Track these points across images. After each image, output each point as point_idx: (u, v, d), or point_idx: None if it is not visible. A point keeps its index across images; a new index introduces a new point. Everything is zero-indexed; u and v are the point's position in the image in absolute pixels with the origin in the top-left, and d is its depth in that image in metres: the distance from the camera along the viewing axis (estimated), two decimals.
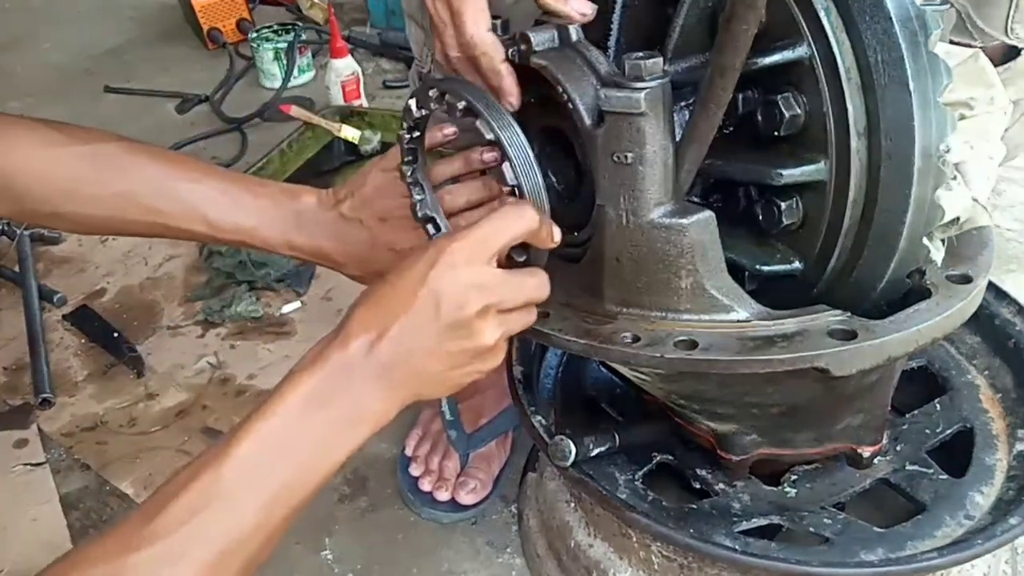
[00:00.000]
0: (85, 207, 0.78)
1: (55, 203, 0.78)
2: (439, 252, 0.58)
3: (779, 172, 0.63)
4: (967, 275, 0.68)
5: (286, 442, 0.56)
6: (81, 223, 0.81)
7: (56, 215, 0.79)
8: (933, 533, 0.79)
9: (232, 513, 0.53)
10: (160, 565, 0.51)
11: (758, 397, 0.73)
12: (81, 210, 0.79)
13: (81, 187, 0.78)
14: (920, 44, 0.58)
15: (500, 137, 0.62)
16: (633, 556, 0.87)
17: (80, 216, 0.80)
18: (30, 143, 0.77)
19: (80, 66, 2.56)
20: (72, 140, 0.79)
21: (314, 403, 0.56)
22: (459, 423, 1.15)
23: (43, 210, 0.79)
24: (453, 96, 0.64)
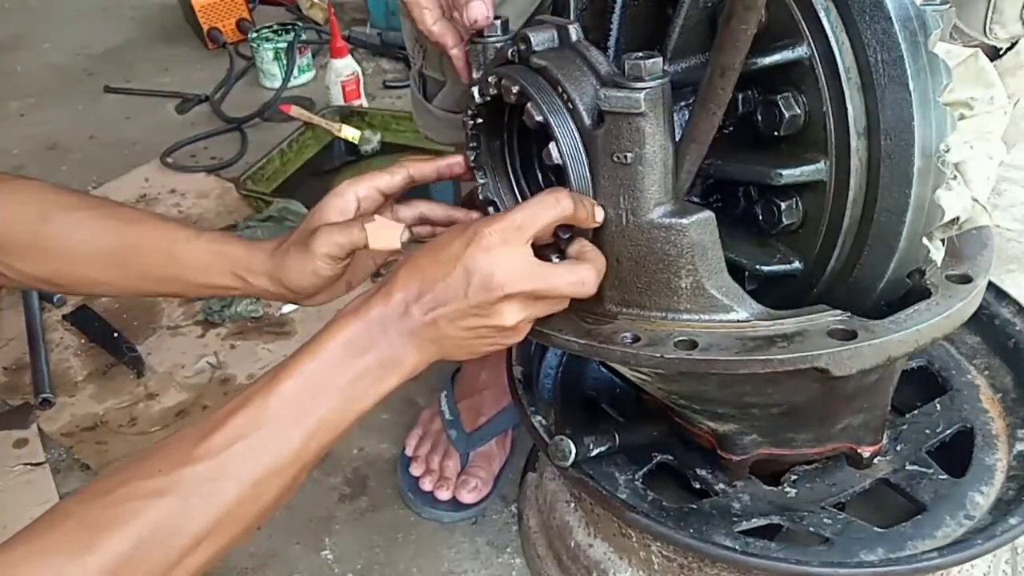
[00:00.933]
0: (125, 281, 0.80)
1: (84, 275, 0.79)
2: (475, 233, 0.62)
3: (779, 172, 0.63)
4: (967, 275, 0.68)
5: (326, 381, 0.62)
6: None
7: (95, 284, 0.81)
8: (933, 533, 0.79)
9: (275, 440, 0.59)
10: (208, 481, 0.57)
11: (758, 397, 0.73)
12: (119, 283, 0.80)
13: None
14: (920, 44, 0.58)
15: (548, 119, 0.64)
16: (633, 556, 0.87)
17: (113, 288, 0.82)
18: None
19: (80, 66, 2.56)
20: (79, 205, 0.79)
21: (354, 349, 0.62)
22: (459, 422, 1.15)
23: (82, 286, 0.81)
24: (509, 81, 0.66)
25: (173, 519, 0.55)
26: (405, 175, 0.76)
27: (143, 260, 0.77)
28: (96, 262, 0.77)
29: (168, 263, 0.77)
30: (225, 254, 0.76)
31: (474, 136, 0.73)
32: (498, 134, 0.74)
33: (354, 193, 0.75)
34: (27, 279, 0.79)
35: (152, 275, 0.78)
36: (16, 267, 0.77)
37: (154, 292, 0.81)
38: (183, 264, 0.77)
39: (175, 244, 0.77)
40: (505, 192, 0.75)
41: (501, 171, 0.75)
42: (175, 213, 1.81)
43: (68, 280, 0.79)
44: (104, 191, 1.90)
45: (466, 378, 1.18)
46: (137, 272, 0.78)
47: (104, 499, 0.55)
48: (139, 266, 0.77)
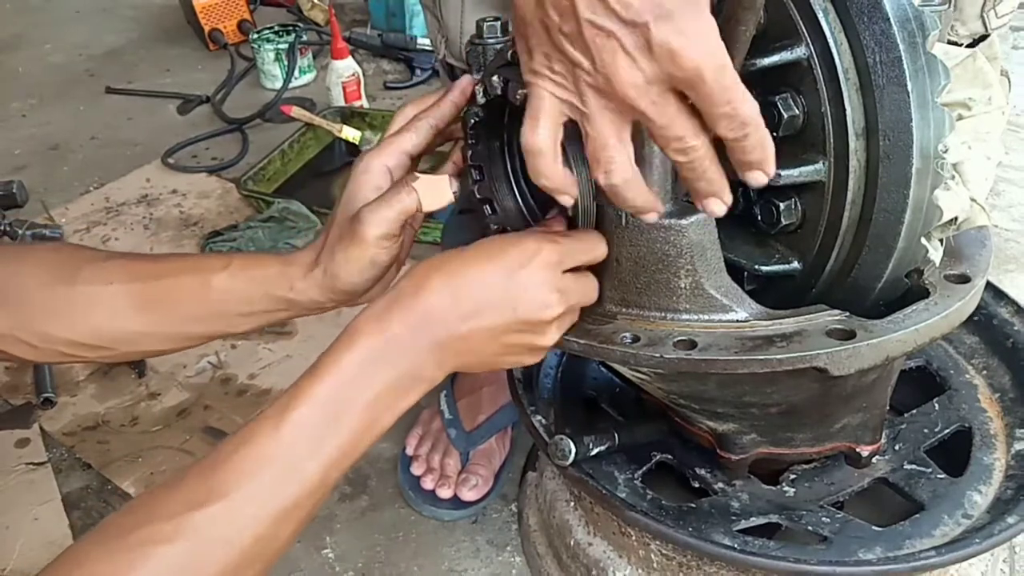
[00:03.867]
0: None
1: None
2: (537, 251, 0.61)
3: (777, 172, 0.63)
4: (965, 275, 0.69)
5: (343, 405, 0.57)
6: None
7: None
8: (931, 532, 0.79)
9: (290, 475, 0.55)
10: (221, 524, 0.52)
11: (757, 397, 0.73)
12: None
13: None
14: (918, 45, 0.58)
15: None
16: (632, 555, 0.87)
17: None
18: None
19: (81, 67, 2.56)
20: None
21: (373, 365, 0.58)
22: (458, 421, 1.15)
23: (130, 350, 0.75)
24: (516, 83, 0.65)
25: (187, 566, 0.51)
26: (428, 127, 0.70)
27: (175, 299, 0.71)
28: (128, 312, 0.71)
29: (202, 299, 0.71)
30: (261, 279, 0.71)
31: (473, 135, 0.74)
32: (498, 134, 0.74)
33: (382, 164, 0.69)
34: (60, 344, 0.71)
35: (189, 315, 0.72)
36: (50, 333, 0.70)
37: (197, 335, 0.73)
38: (219, 297, 0.71)
39: (206, 275, 0.71)
40: (503, 192, 0.75)
41: (500, 170, 0.75)
42: (176, 213, 1.81)
43: (103, 339, 0.72)
44: (106, 191, 1.91)
45: (465, 377, 1.18)
46: (172, 316, 0.72)
47: (117, 543, 0.51)
48: (173, 308, 0.71)
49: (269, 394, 1.33)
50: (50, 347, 0.71)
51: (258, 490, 0.54)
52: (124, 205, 1.86)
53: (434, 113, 0.71)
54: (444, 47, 1.04)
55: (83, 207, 1.85)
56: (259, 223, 1.64)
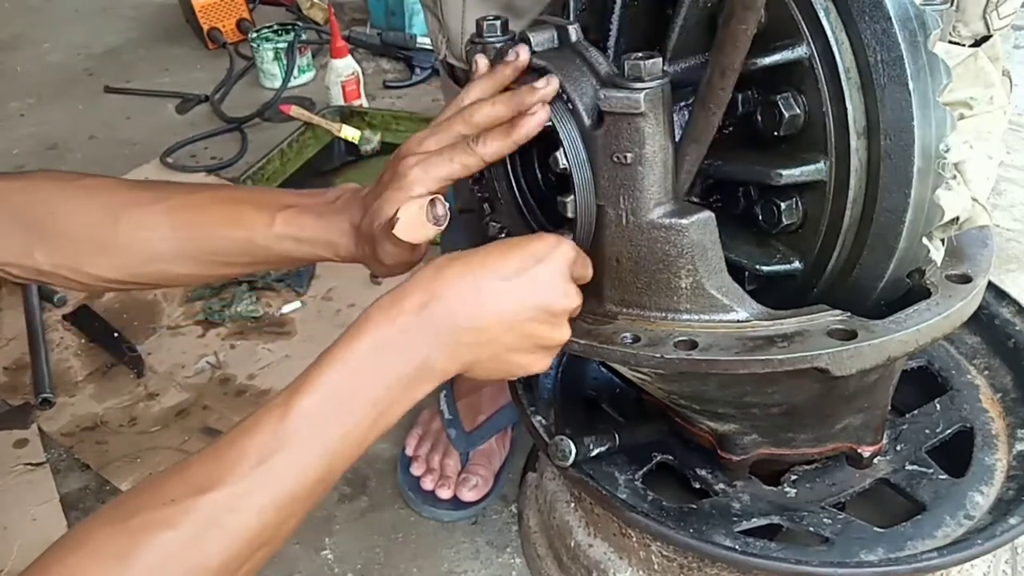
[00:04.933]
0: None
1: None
2: (556, 245, 0.61)
3: (779, 172, 0.63)
4: (967, 275, 0.69)
5: (351, 394, 0.56)
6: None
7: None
8: (933, 533, 0.79)
9: (296, 463, 0.54)
10: (225, 509, 0.52)
11: (758, 397, 0.73)
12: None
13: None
14: (919, 44, 0.58)
15: (557, 126, 0.64)
16: (633, 556, 0.87)
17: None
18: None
19: (80, 66, 2.56)
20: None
21: (383, 355, 0.57)
22: (458, 421, 1.15)
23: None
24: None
25: (188, 552, 0.51)
26: (479, 163, 0.67)
27: (222, 251, 0.74)
28: (174, 260, 0.74)
29: (248, 251, 0.74)
30: (308, 240, 0.73)
31: None
32: None
33: (424, 188, 0.67)
34: (100, 282, 0.76)
35: (235, 262, 0.76)
36: (89, 270, 0.74)
37: (242, 274, 0.79)
38: (265, 253, 0.74)
39: (252, 233, 0.73)
40: (503, 190, 0.75)
41: (499, 170, 0.75)
42: None
43: (149, 279, 0.77)
44: None
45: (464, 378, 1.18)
46: (220, 260, 0.75)
47: (121, 525, 0.51)
48: (219, 258, 0.75)
49: (268, 394, 1.32)
50: (94, 283, 0.75)
51: (263, 478, 0.53)
52: None
53: (491, 149, 0.67)
54: (445, 46, 1.04)
55: None
56: None
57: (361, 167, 1.93)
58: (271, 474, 0.53)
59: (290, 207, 0.74)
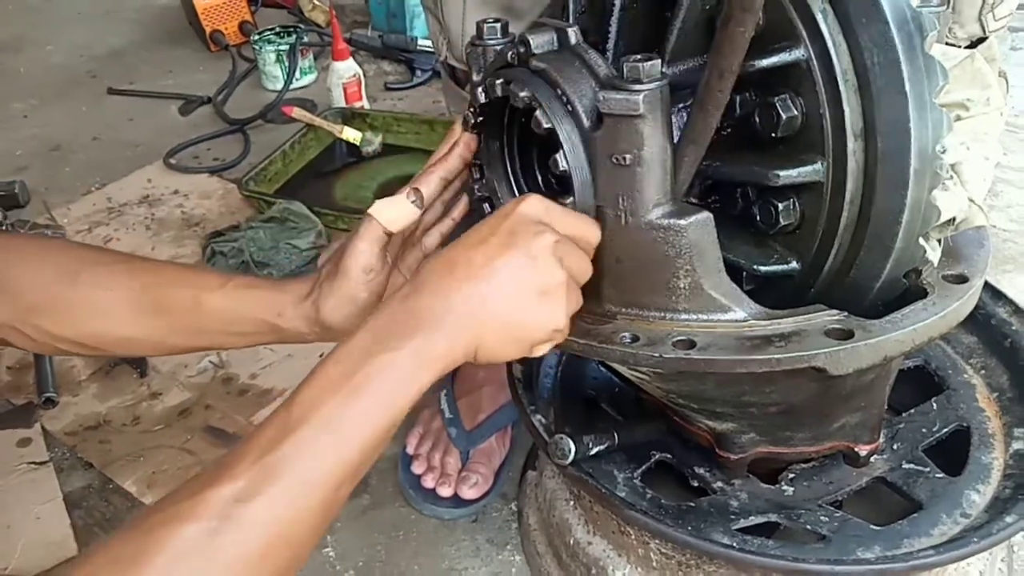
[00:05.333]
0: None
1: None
2: (520, 199, 0.62)
3: (776, 173, 0.64)
4: (963, 275, 0.69)
5: (351, 382, 0.56)
6: None
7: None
8: (929, 531, 0.79)
9: (304, 451, 0.53)
10: (234, 502, 0.51)
11: (756, 396, 0.73)
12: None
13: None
14: (916, 46, 0.59)
15: (556, 127, 0.64)
16: (632, 553, 0.88)
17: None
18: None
19: (83, 68, 2.57)
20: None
21: (380, 343, 0.57)
22: (459, 420, 1.16)
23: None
24: (517, 85, 0.66)
25: (201, 546, 0.50)
26: (437, 179, 0.74)
27: (170, 310, 0.74)
28: (125, 318, 0.74)
29: (194, 313, 0.74)
30: (252, 299, 0.73)
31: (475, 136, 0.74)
32: (498, 135, 0.75)
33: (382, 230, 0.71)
34: (58, 342, 0.75)
35: (180, 327, 0.75)
36: (48, 330, 0.74)
37: (186, 347, 0.77)
38: (210, 314, 0.73)
39: (201, 292, 0.74)
40: (503, 192, 0.75)
41: (500, 171, 0.75)
42: (178, 214, 1.82)
43: (99, 340, 0.76)
44: (107, 192, 1.91)
45: (465, 376, 1.19)
46: (166, 326, 0.75)
47: (132, 532, 0.51)
48: (167, 318, 0.74)
49: (270, 394, 1.33)
50: (48, 342, 0.74)
51: (273, 466, 0.53)
52: (126, 206, 1.86)
53: (443, 165, 0.74)
54: (445, 48, 1.04)
55: (85, 207, 1.86)
56: (260, 223, 1.64)
57: (362, 168, 1.94)
58: (279, 463, 0.52)
59: (247, 277, 0.77)
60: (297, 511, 0.53)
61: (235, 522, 0.51)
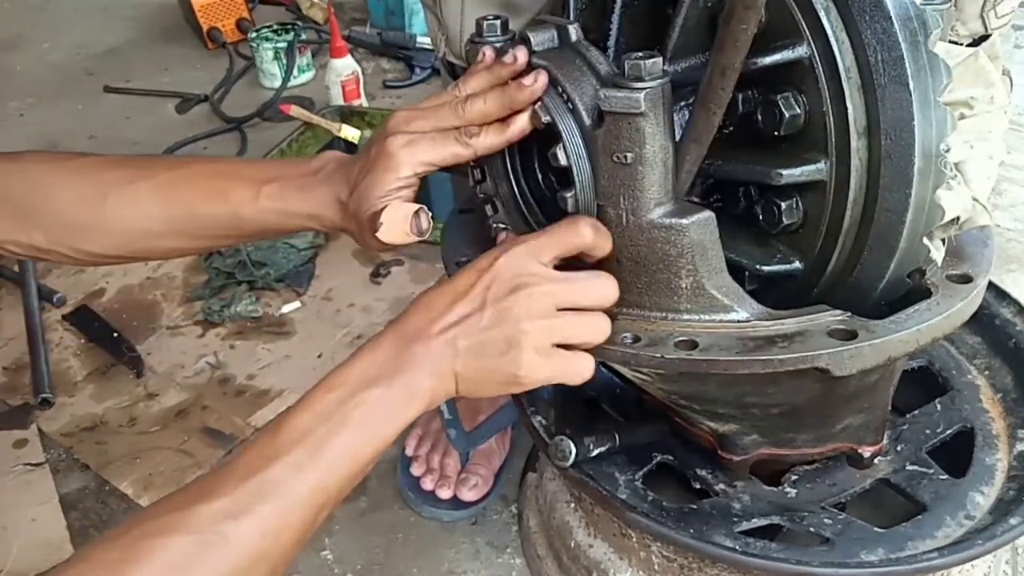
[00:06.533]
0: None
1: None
2: (499, 250, 0.63)
3: (779, 172, 0.63)
4: (967, 275, 0.68)
5: (338, 412, 0.59)
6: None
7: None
8: (933, 533, 0.79)
9: (289, 473, 0.56)
10: (224, 518, 0.53)
11: (758, 397, 0.73)
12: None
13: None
14: (920, 43, 0.58)
15: (556, 122, 0.64)
16: (633, 556, 0.87)
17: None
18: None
19: (79, 66, 2.56)
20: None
21: (367, 379, 0.60)
22: (458, 421, 1.15)
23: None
24: None
25: (189, 559, 0.52)
26: (471, 154, 0.69)
27: (209, 226, 0.76)
28: (163, 234, 0.77)
29: (234, 225, 0.76)
30: (293, 214, 0.75)
31: None
32: None
33: (411, 171, 0.69)
34: (95, 258, 0.79)
35: (222, 235, 0.78)
36: (83, 248, 0.77)
37: (231, 245, 0.82)
38: (250, 226, 0.76)
39: (238, 208, 0.75)
40: (504, 191, 0.75)
41: (500, 170, 0.75)
42: None
43: (140, 253, 0.79)
44: None
45: None
46: (207, 235, 0.77)
47: (121, 539, 0.53)
48: (207, 231, 0.77)
49: (268, 394, 1.32)
50: (89, 259, 0.78)
51: (259, 486, 0.55)
52: None
53: (485, 143, 0.69)
54: (444, 45, 1.04)
55: None
56: None
57: None
58: (265, 483, 0.55)
59: (273, 181, 0.76)
60: (279, 531, 0.55)
61: (221, 537, 0.53)
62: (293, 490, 0.56)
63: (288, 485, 0.56)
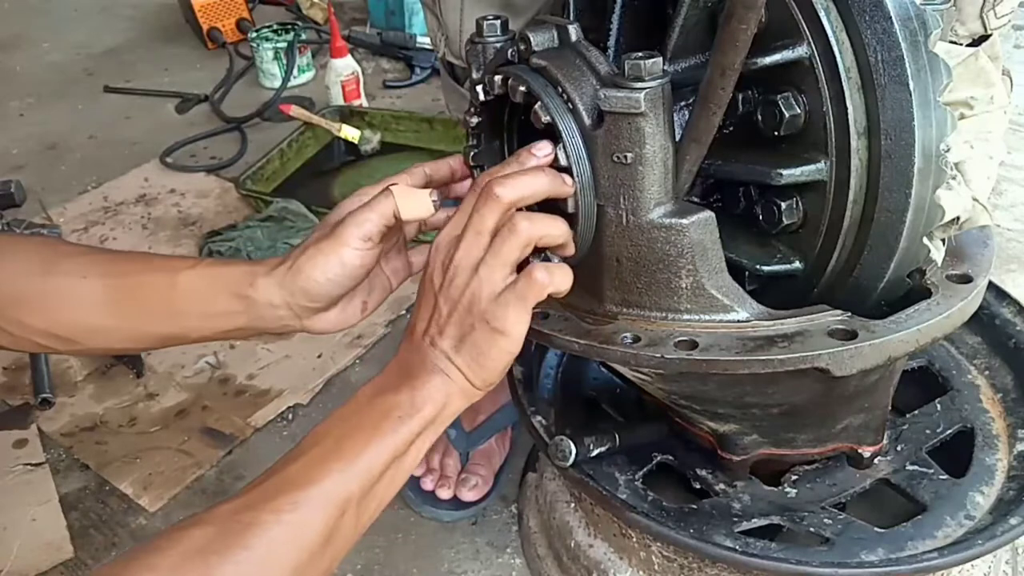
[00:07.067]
0: None
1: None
2: (431, 248, 0.65)
3: (779, 172, 0.63)
4: (967, 275, 0.68)
5: (355, 421, 0.62)
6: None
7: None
8: (933, 533, 0.79)
9: (305, 473, 0.59)
10: (244, 509, 0.56)
11: (758, 397, 0.73)
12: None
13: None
14: (920, 43, 0.58)
15: (556, 121, 0.63)
16: (633, 556, 0.87)
17: None
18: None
19: (79, 66, 2.56)
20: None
21: (382, 389, 0.63)
22: (458, 421, 1.15)
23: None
24: (516, 81, 0.65)
25: (209, 545, 0.54)
26: (421, 175, 0.74)
27: (142, 296, 0.74)
28: (99, 306, 0.74)
29: (166, 296, 0.73)
30: (224, 275, 0.73)
31: (474, 135, 0.73)
32: (498, 133, 0.74)
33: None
34: (34, 334, 0.75)
35: (155, 311, 0.74)
36: (24, 321, 0.74)
37: (160, 334, 0.76)
38: (183, 294, 0.73)
39: (174, 273, 0.73)
40: None
41: None
42: (175, 213, 1.81)
43: (73, 331, 0.75)
44: (104, 191, 1.90)
45: None
46: (140, 311, 0.74)
47: (211, 527, 0.55)
48: (139, 304, 0.74)
49: (267, 394, 1.32)
50: (25, 336, 0.74)
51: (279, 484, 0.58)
52: (122, 205, 1.85)
53: (433, 165, 0.75)
54: (444, 45, 1.04)
55: (81, 207, 1.85)
56: (258, 222, 1.63)
57: (361, 167, 1.93)
58: (284, 482, 0.58)
59: (221, 259, 0.75)
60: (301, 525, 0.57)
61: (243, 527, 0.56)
62: (314, 486, 0.58)
63: (309, 481, 0.58)
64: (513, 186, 0.62)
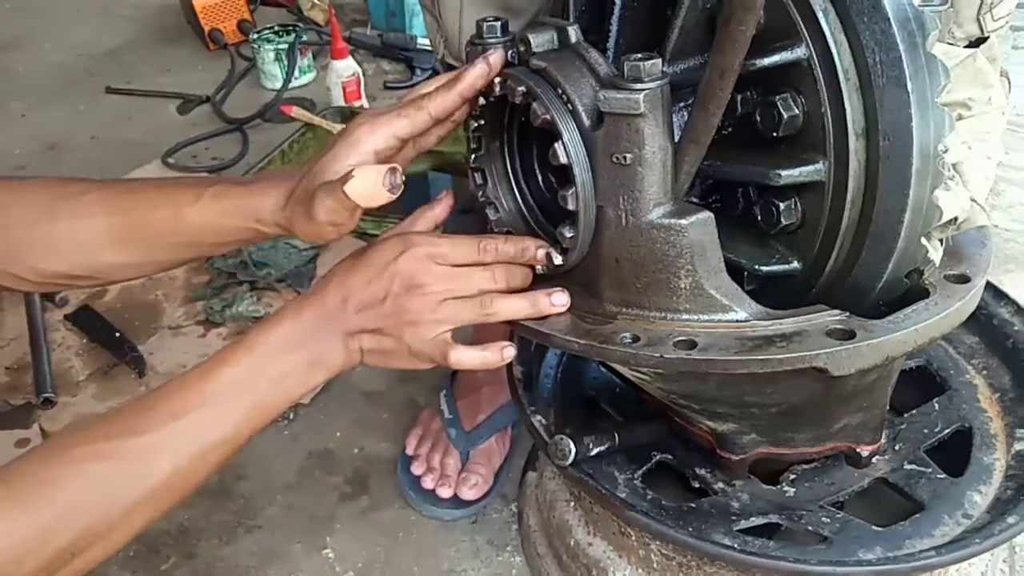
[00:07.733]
0: None
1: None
2: (408, 243, 0.69)
3: (778, 173, 0.64)
4: (965, 275, 0.69)
5: (258, 373, 0.68)
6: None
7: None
8: (931, 532, 0.79)
9: (209, 422, 0.66)
10: (145, 453, 0.63)
11: (757, 397, 0.73)
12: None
13: None
14: (918, 45, 0.58)
15: (555, 119, 0.64)
16: (632, 555, 0.87)
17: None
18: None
19: (81, 66, 2.56)
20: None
21: (286, 346, 0.68)
22: (458, 421, 1.16)
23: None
24: (514, 81, 0.66)
25: (111, 483, 0.62)
26: (425, 117, 0.70)
27: (151, 231, 0.76)
28: (108, 245, 0.76)
29: (177, 230, 0.75)
30: (232, 211, 0.74)
31: (475, 137, 0.74)
32: (499, 135, 0.75)
33: (371, 146, 0.71)
34: (52, 277, 0.78)
35: (164, 245, 0.77)
36: (38, 267, 0.76)
37: (173, 262, 0.81)
38: (190, 228, 0.75)
39: (179, 209, 0.74)
40: (505, 193, 0.75)
41: (501, 172, 0.75)
42: None
43: (88, 270, 0.78)
44: None
45: (464, 377, 1.19)
46: (149, 246, 0.77)
47: (54, 459, 0.61)
48: (150, 239, 0.76)
49: None
50: (45, 280, 0.79)
51: (182, 429, 0.65)
52: None
53: (438, 103, 0.71)
54: (443, 47, 1.04)
55: None
56: None
57: None
58: (187, 428, 0.65)
59: (218, 184, 0.76)
60: (193, 467, 0.65)
61: (143, 468, 0.63)
62: (208, 437, 0.66)
63: (204, 432, 0.65)
64: (512, 308, 0.70)
